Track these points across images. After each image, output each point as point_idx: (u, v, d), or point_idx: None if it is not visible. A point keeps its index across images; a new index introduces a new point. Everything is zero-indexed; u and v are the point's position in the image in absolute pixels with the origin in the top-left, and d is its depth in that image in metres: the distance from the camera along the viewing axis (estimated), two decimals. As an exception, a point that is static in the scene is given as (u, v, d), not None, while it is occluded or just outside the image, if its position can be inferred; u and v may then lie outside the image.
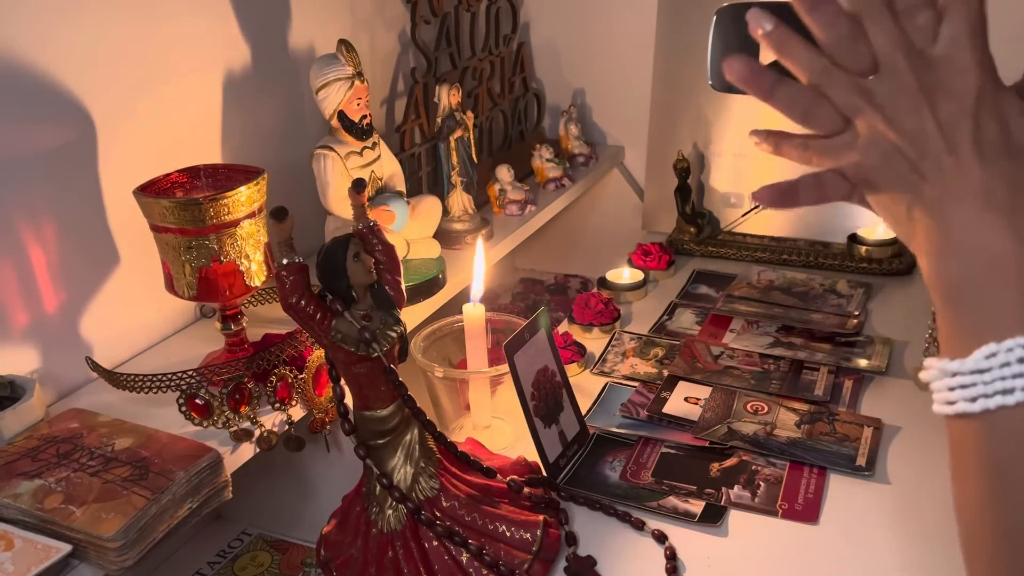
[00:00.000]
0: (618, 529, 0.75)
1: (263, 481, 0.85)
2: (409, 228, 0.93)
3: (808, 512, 0.75)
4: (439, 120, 1.04)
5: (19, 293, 0.73)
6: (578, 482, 0.81)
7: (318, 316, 0.66)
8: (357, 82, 0.85)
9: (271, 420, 0.72)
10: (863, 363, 0.96)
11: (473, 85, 1.21)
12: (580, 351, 0.99)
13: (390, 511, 0.70)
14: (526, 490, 0.75)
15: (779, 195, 0.49)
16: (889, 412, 0.87)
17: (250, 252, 0.73)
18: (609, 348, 1.03)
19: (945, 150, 0.44)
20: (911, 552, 0.71)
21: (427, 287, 0.93)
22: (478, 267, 0.88)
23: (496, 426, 0.89)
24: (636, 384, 0.96)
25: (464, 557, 0.68)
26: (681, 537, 0.74)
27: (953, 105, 0.44)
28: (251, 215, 0.72)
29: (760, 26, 0.47)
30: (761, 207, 0.86)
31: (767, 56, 0.50)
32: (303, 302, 0.65)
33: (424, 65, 1.11)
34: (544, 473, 0.80)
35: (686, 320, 1.09)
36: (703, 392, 0.92)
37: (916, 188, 0.45)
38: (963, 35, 0.44)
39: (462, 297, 0.91)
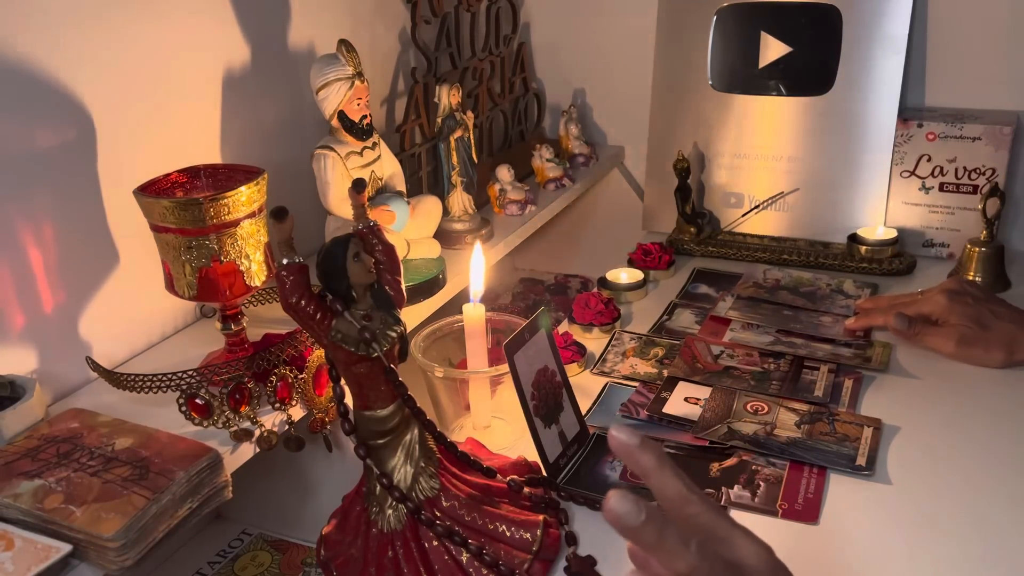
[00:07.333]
0: (618, 529, 0.75)
1: (263, 481, 0.85)
2: (409, 228, 0.93)
3: (808, 512, 0.75)
4: (439, 120, 1.04)
5: (19, 293, 0.73)
6: (578, 482, 0.81)
7: (318, 316, 0.66)
8: (357, 82, 0.85)
9: (271, 420, 0.72)
10: (863, 363, 0.96)
11: (473, 85, 1.21)
12: (580, 351, 0.99)
13: (390, 511, 0.70)
14: (526, 490, 0.75)
15: None
16: (889, 412, 0.87)
17: (250, 252, 0.73)
18: (609, 348, 1.03)
19: None
20: (911, 552, 0.71)
21: (427, 287, 0.93)
22: (476, 273, 0.88)
23: (496, 426, 0.89)
24: (636, 384, 0.96)
25: (464, 557, 0.68)
26: (681, 537, 0.74)
27: None
28: (251, 215, 0.72)
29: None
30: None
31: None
32: (303, 302, 0.65)
33: (424, 65, 1.11)
34: (544, 473, 0.80)
35: (686, 320, 1.09)
36: (703, 392, 0.92)
37: None
38: None
39: (462, 297, 0.91)
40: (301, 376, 0.74)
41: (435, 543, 0.69)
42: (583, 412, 0.89)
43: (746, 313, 1.07)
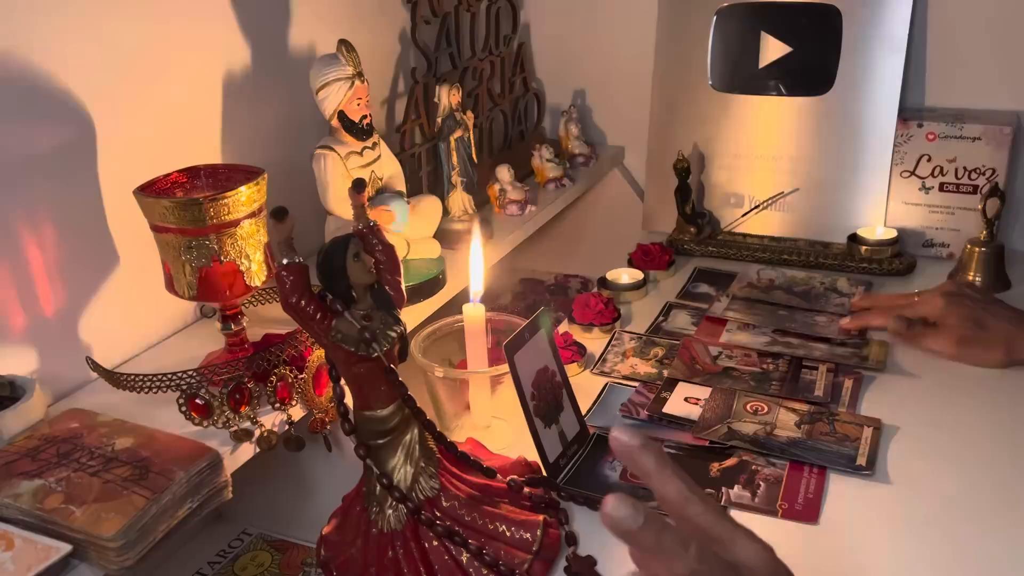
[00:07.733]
0: (618, 529, 0.75)
1: (263, 481, 0.85)
2: (409, 228, 0.93)
3: (808, 512, 0.75)
4: (439, 120, 1.04)
5: (19, 293, 0.73)
6: (578, 482, 0.81)
7: (318, 316, 0.66)
8: (357, 82, 0.85)
9: (271, 420, 0.72)
10: (861, 362, 0.96)
11: (473, 85, 1.21)
12: (580, 351, 0.99)
13: (390, 511, 0.70)
14: (526, 490, 0.75)
15: None
16: (889, 412, 0.87)
17: (250, 252, 0.73)
18: (609, 348, 1.03)
19: None
20: (911, 552, 0.71)
21: (427, 287, 0.93)
22: (475, 261, 0.88)
23: (496, 426, 0.89)
24: (636, 384, 0.96)
25: (464, 557, 0.68)
26: (681, 537, 0.74)
27: None
28: (251, 215, 0.72)
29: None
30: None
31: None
32: (303, 302, 0.65)
33: (424, 65, 1.11)
34: (544, 473, 0.80)
35: (681, 321, 1.09)
36: (703, 392, 0.92)
37: None
38: None
39: (462, 297, 0.91)
40: (301, 376, 0.74)
41: (435, 543, 0.69)
42: (583, 412, 0.89)
43: (741, 314, 1.07)
